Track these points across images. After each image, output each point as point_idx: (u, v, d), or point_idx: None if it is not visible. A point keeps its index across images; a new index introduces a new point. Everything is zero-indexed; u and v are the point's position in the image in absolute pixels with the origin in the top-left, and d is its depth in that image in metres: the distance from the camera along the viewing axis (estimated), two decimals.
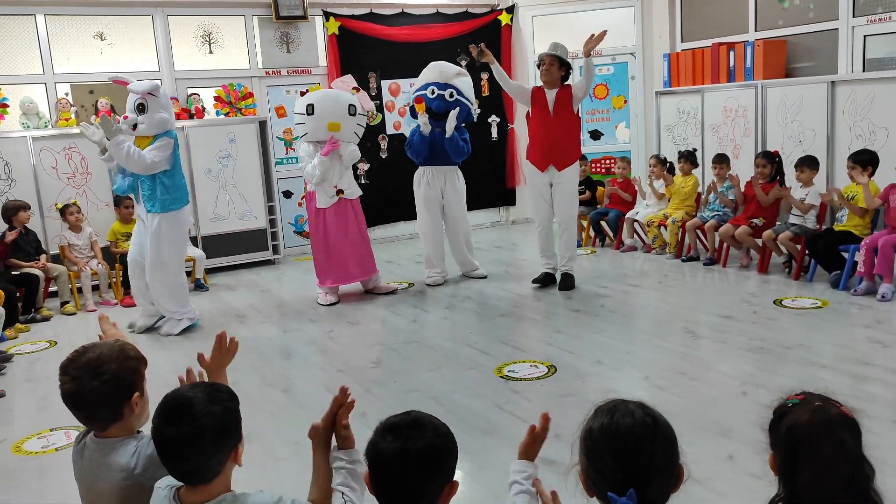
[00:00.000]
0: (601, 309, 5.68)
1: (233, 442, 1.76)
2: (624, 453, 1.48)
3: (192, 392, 1.75)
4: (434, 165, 6.63)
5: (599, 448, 1.51)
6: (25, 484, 3.44)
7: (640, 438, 1.49)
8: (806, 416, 1.54)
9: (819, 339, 4.69)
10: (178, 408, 1.71)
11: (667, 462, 1.51)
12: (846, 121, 6.59)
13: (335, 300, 6.33)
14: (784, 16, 7.54)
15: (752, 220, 6.43)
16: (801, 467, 1.52)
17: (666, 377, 4.22)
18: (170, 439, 1.70)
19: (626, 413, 1.53)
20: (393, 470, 1.58)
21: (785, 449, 1.56)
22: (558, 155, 6.15)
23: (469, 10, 9.27)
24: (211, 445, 1.70)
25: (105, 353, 1.98)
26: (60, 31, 7.54)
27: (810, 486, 1.51)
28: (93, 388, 1.92)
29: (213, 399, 1.74)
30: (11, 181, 6.94)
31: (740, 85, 7.51)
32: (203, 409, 1.71)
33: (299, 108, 6.29)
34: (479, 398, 4.09)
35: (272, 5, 8.20)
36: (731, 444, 3.32)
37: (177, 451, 1.70)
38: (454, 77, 6.61)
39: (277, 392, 4.37)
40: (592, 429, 1.54)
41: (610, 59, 9.29)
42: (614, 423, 1.51)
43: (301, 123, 6.28)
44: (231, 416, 1.77)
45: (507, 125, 9.56)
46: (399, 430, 1.60)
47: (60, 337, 5.85)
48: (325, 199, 6.22)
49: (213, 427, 1.70)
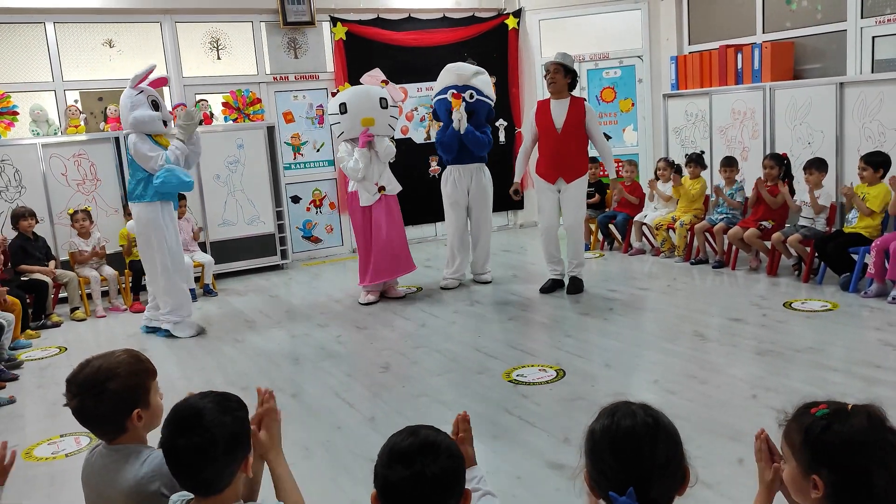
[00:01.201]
0: (610, 312, 5.67)
1: (243, 452, 1.75)
2: (624, 453, 1.48)
3: (201, 402, 1.74)
4: (461, 164, 6.69)
5: (601, 448, 1.51)
6: (36, 490, 3.46)
7: (640, 438, 1.49)
8: (861, 420, 1.47)
9: (829, 342, 4.67)
10: (188, 418, 1.70)
11: (668, 462, 1.50)
12: (855, 122, 6.56)
13: (375, 300, 6.39)
14: (792, 17, 7.52)
15: (761, 223, 6.41)
16: (874, 476, 1.42)
17: (675, 381, 4.21)
18: (181, 450, 1.68)
19: (628, 414, 1.53)
20: (408, 498, 1.52)
21: (844, 463, 1.45)
22: (566, 169, 6.18)
23: (476, 14, 9.28)
24: (223, 456, 1.69)
25: (105, 368, 1.97)
26: (69, 38, 7.59)
27: (887, 494, 1.42)
28: (93, 405, 1.94)
29: (224, 409, 1.73)
30: (22, 188, 6.98)
31: (748, 87, 7.49)
32: (214, 419, 1.69)
33: (332, 108, 6.38)
34: (487, 403, 4.09)
35: (280, 11, 8.23)
36: (741, 448, 3.30)
37: (188, 462, 1.69)
38: (472, 77, 6.66)
39: (286, 397, 4.37)
40: (594, 430, 1.54)
41: (617, 62, 9.28)
42: (615, 424, 1.52)
43: (336, 124, 6.38)
44: (241, 426, 1.76)
45: (515, 129, 9.55)
46: (410, 458, 1.52)
47: (71, 343, 5.88)
48: (368, 196, 6.27)
49: (224, 437, 1.69)
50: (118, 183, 7.35)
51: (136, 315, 6.58)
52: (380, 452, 1.58)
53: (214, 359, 5.23)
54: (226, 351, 5.39)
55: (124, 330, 6.19)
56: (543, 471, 3.25)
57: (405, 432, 1.59)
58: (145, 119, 5.53)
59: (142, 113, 5.52)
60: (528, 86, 9.52)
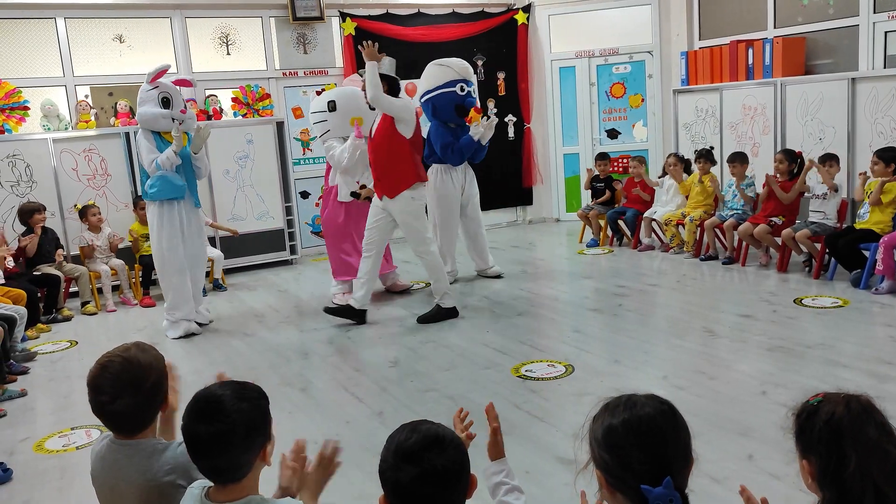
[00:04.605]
0: (619, 308, 5.65)
1: (262, 440, 1.78)
2: (651, 444, 1.49)
3: (221, 390, 1.77)
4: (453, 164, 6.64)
5: (625, 443, 1.50)
6: (47, 482, 3.48)
7: (664, 427, 1.50)
8: (841, 407, 1.52)
9: (840, 339, 4.64)
10: (208, 405, 1.73)
11: (686, 447, 1.53)
12: (867, 118, 6.52)
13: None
14: (803, 12, 7.47)
15: (772, 219, 6.37)
16: (846, 458, 1.47)
17: (685, 376, 4.20)
18: (201, 437, 1.71)
19: (644, 404, 1.54)
20: (418, 495, 1.52)
21: (825, 444, 1.51)
22: (381, 185, 5.53)
23: (485, 9, 9.26)
24: (242, 442, 1.72)
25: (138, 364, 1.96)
26: (80, 33, 7.61)
27: (859, 476, 1.46)
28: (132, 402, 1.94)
29: (242, 396, 1.76)
30: (32, 183, 7.01)
31: (759, 82, 7.45)
32: (233, 406, 1.72)
33: (318, 106, 6.32)
34: (495, 398, 4.08)
35: (289, 7, 8.24)
36: (751, 444, 3.29)
37: (208, 449, 1.72)
38: (471, 72, 6.74)
39: (295, 391, 4.39)
40: (613, 425, 1.52)
41: (627, 57, 9.25)
42: (635, 416, 1.51)
43: (322, 121, 6.32)
44: (260, 414, 1.78)
45: (524, 124, 9.54)
46: (418, 455, 1.52)
47: (81, 337, 5.91)
48: (347, 193, 6.25)
49: (243, 424, 1.72)
50: (128, 178, 7.38)
51: (146, 309, 6.61)
52: (383, 454, 1.58)
53: (223, 353, 5.25)
54: (235, 345, 5.41)
55: (134, 324, 6.21)
56: (552, 465, 3.25)
57: (406, 430, 1.59)
58: (148, 116, 5.50)
59: (146, 110, 5.51)
60: (537, 82, 9.49)
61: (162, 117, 5.50)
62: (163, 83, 5.59)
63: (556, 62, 9.50)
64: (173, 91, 5.62)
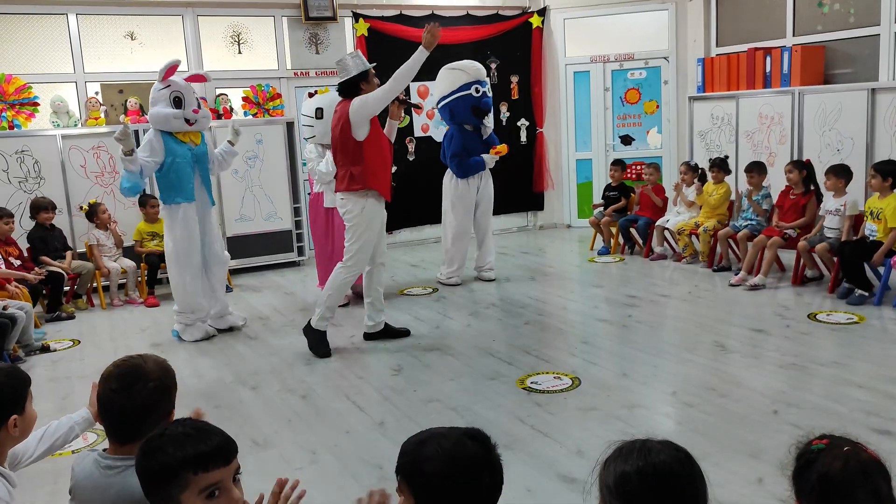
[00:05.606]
0: (629, 319, 5.55)
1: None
2: (667, 494, 1.44)
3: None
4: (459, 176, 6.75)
5: (641, 493, 1.44)
6: (39, 487, 3.42)
7: (680, 475, 1.46)
8: (838, 464, 1.47)
9: (854, 357, 4.53)
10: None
11: (703, 499, 1.48)
12: (887, 130, 6.39)
13: (345, 302, 6.28)
14: (823, 21, 7.34)
15: (786, 231, 6.24)
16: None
17: (694, 393, 4.09)
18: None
19: (659, 451, 1.48)
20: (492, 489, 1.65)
21: (816, 498, 1.48)
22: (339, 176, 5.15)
23: (500, 12, 9.17)
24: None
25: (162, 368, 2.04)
26: (91, 30, 7.58)
27: None
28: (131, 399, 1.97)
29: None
30: (41, 179, 6.98)
31: (776, 91, 7.33)
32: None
33: (307, 110, 6.30)
34: (500, 410, 4.00)
35: (301, 6, 8.18)
36: (761, 467, 3.19)
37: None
38: (484, 73, 6.81)
39: (296, 398, 4.31)
40: (627, 473, 1.46)
41: (643, 63, 9.14)
42: (650, 464, 1.45)
43: (309, 126, 6.31)
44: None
45: (536, 129, 9.44)
46: (482, 460, 1.67)
47: (84, 336, 5.86)
48: (333, 199, 6.18)
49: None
50: None
51: (151, 309, 6.57)
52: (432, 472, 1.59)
53: (226, 356, 5.18)
54: (238, 349, 5.34)
55: (137, 323, 6.16)
56: (554, 484, 3.16)
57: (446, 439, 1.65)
58: (160, 116, 5.42)
59: (157, 110, 5.43)
60: (551, 86, 9.40)
61: (174, 117, 5.40)
62: (175, 82, 5.49)
63: (571, 66, 9.40)
64: (185, 90, 5.51)
